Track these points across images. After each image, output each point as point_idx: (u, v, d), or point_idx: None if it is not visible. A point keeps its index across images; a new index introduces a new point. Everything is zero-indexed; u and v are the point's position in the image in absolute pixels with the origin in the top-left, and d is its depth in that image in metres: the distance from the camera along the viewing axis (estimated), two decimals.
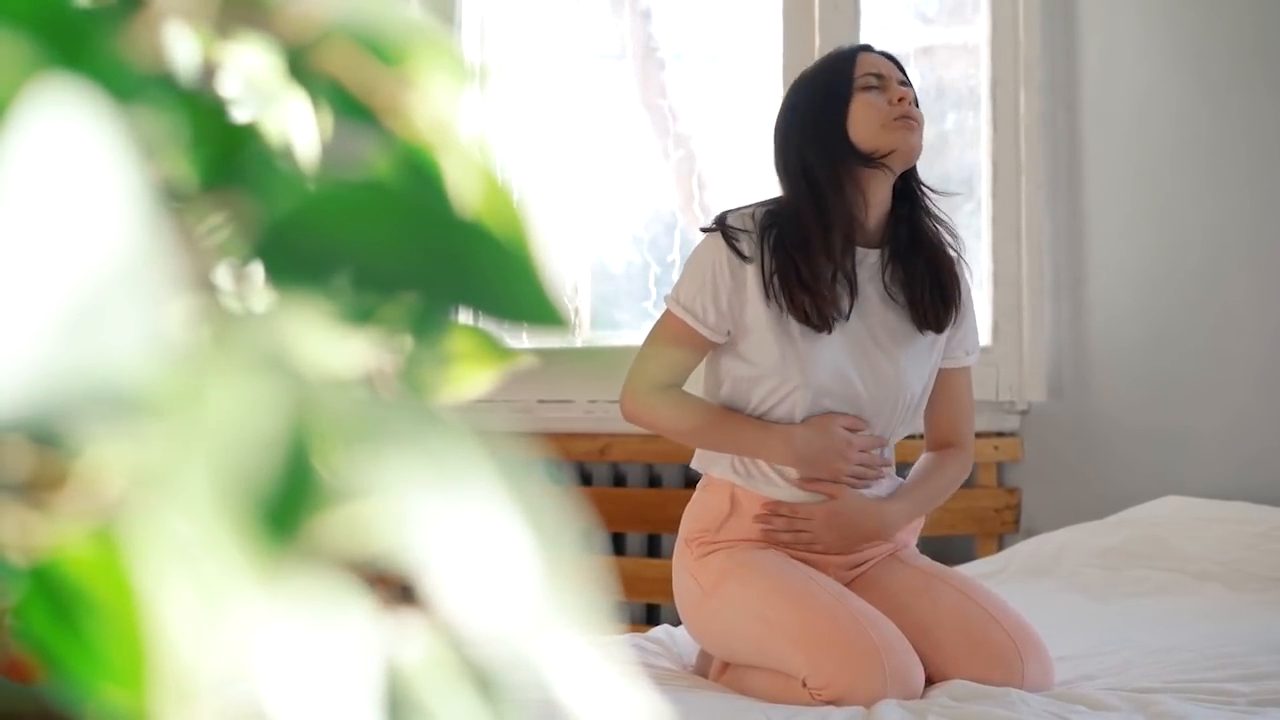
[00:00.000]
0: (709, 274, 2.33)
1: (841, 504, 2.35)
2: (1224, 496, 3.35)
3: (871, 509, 2.37)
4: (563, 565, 0.34)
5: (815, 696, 2.14)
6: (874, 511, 2.37)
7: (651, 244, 4.14)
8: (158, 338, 0.30)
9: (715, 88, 4.13)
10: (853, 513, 2.36)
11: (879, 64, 2.40)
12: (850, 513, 2.36)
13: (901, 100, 2.35)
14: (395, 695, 0.34)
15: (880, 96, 2.36)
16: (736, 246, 2.32)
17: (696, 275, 2.35)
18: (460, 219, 0.40)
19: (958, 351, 2.46)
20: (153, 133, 0.36)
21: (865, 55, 2.41)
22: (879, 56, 2.42)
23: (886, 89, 2.36)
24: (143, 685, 0.32)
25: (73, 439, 0.31)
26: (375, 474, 0.33)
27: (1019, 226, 3.72)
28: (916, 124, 2.36)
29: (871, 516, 2.37)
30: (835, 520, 2.35)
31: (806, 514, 2.35)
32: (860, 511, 2.36)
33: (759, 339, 2.32)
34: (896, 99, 2.35)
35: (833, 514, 2.35)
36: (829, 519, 2.35)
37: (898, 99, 2.35)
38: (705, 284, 2.33)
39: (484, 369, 0.50)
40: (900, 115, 2.34)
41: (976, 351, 2.50)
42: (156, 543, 0.31)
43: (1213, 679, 2.19)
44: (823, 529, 2.35)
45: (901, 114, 2.34)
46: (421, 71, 0.42)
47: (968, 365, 2.49)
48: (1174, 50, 3.62)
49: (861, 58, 2.40)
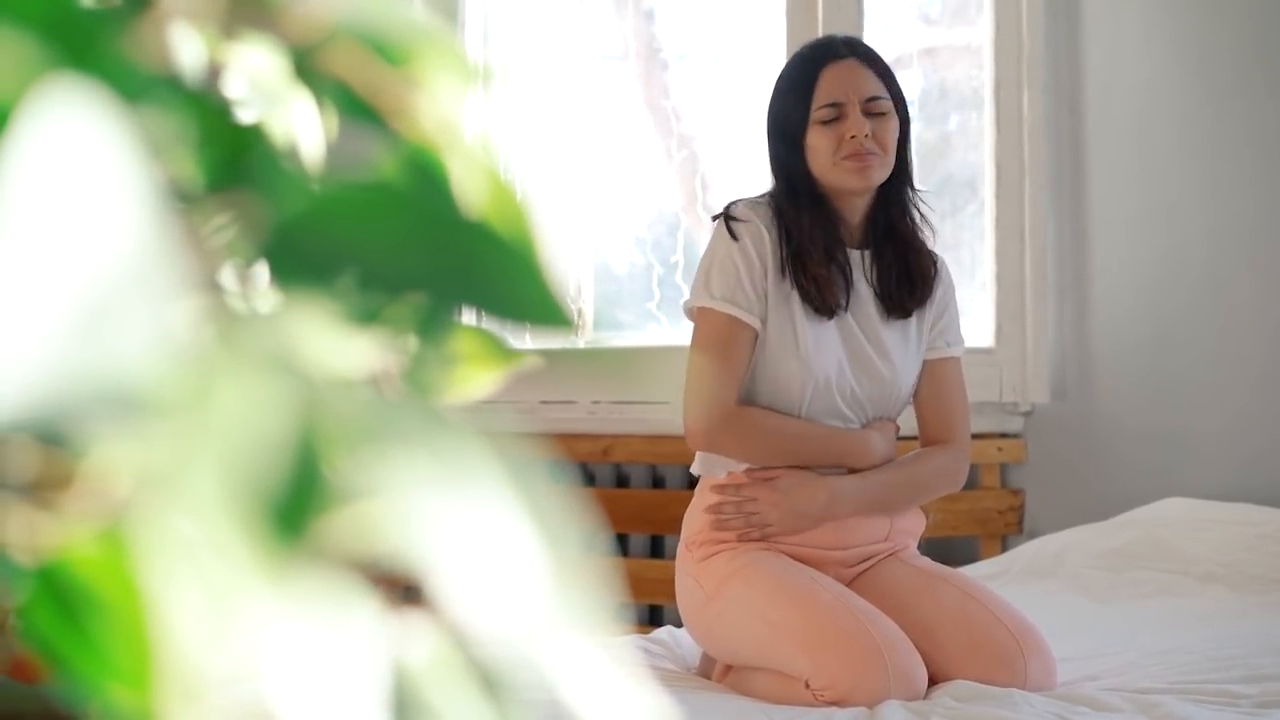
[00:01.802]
0: (733, 261, 2.32)
1: (784, 481, 2.32)
2: (1227, 498, 3.35)
3: (816, 483, 2.33)
4: (569, 566, 0.34)
5: (818, 697, 2.14)
6: (820, 485, 2.33)
7: (655, 245, 4.14)
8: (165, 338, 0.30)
9: (718, 89, 4.13)
10: (796, 488, 2.32)
11: (840, 84, 2.32)
12: (794, 489, 2.32)
13: (855, 136, 2.28)
14: (401, 695, 0.34)
15: (835, 130, 2.30)
16: (738, 234, 2.32)
17: (723, 266, 2.32)
18: (466, 219, 0.40)
19: (939, 342, 2.45)
20: (159, 133, 0.36)
21: (829, 71, 2.33)
22: (850, 64, 2.34)
23: (845, 118, 2.30)
24: (149, 685, 0.32)
25: (80, 439, 0.31)
26: (381, 474, 0.33)
27: (1022, 228, 3.72)
28: (871, 158, 2.29)
29: (819, 490, 2.32)
30: (779, 498, 2.32)
31: (751, 494, 2.33)
32: (803, 486, 2.32)
33: (770, 336, 2.33)
34: (849, 134, 2.29)
35: (775, 491, 2.32)
36: (773, 497, 2.32)
37: (851, 135, 2.28)
38: (733, 270, 2.31)
39: (488, 370, 0.51)
40: (849, 154, 2.29)
41: (961, 344, 2.47)
42: (163, 543, 0.31)
43: (1216, 680, 2.19)
44: (769, 507, 2.32)
45: (849, 153, 2.29)
46: (427, 72, 0.42)
47: (953, 356, 2.47)
48: (1177, 51, 3.62)
49: (824, 76, 2.33)
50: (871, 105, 2.32)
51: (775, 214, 2.34)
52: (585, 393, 3.93)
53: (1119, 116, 3.67)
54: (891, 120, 2.34)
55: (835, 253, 2.33)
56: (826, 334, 2.33)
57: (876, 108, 2.32)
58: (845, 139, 2.29)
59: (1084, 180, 3.71)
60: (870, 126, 2.31)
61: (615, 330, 4.15)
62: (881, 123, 2.33)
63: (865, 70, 2.35)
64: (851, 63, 2.35)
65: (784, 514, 2.32)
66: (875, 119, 2.32)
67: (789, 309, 2.32)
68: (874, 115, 2.32)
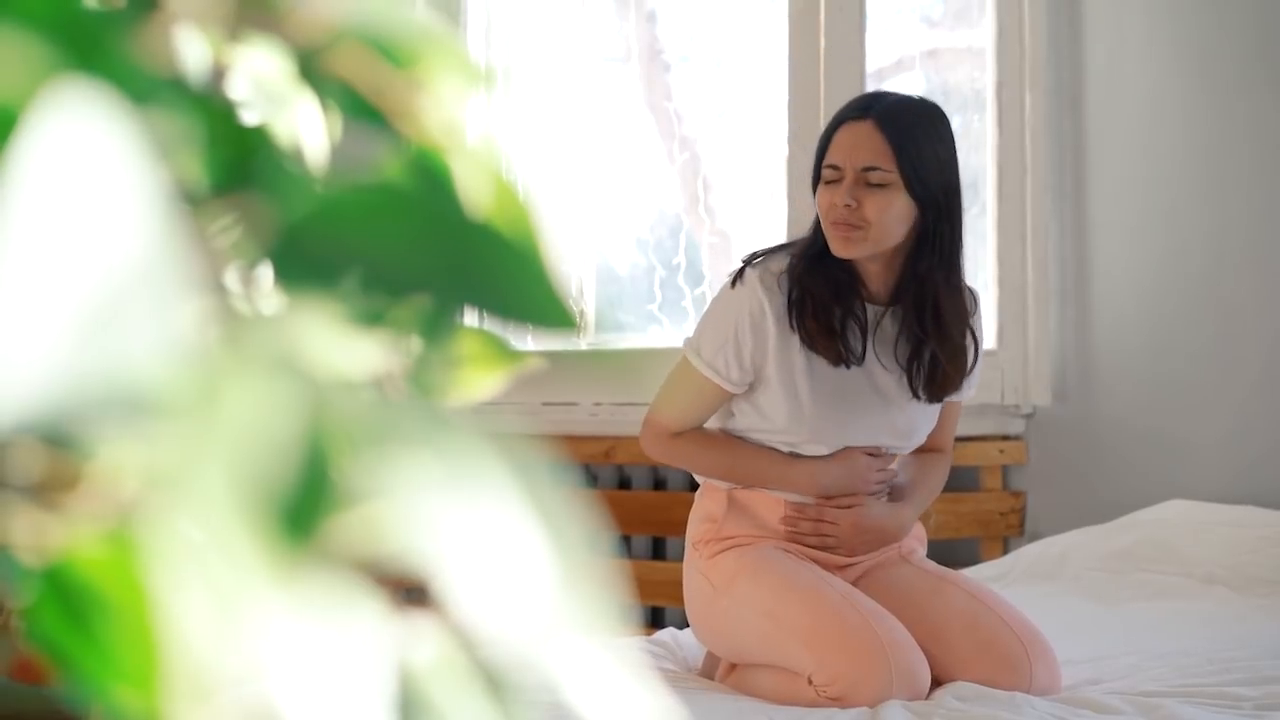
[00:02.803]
0: (731, 330, 2.31)
1: (867, 510, 2.38)
2: (1229, 500, 3.35)
3: (892, 513, 2.41)
4: (575, 567, 0.34)
5: (821, 694, 2.15)
6: (894, 514, 2.41)
7: (657, 246, 4.14)
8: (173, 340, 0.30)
9: (720, 91, 4.13)
10: (876, 518, 2.39)
11: (841, 148, 2.24)
12: (875, 518, 2.39)
13: (837, 203, 2.22)
14: (407, 696, 0.35)
15: (828, 194, 2.24)
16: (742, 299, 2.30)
17: (719, 330, 2.33)
18: (470, 221, 0.40)
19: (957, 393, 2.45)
20: (165, 135, 0.36)
21: (841, 131, 2.26)
22: (861, 128, 2.24)
23: (841, 182, 2.23)
24: (155, 686, 0.32)
25: (86, 440, 0.31)
26: (386, 476, 0.33)
27: (1024, 230, 3.72)
28: (850, 230, 2.22)
29: (892, 520, 2.41)
30: (861, 525, 2.38)
31: (833, 518, 2.37)
32: (883, 517, 2.40)
33: (771, 395, 2.32)
34: (840, 203, 2.21)
35: (860, 519, 2.37)
36: (856, 524, 2.37)
37: (842, 203, 2.21)
38: (728, 340, 2.32)
39: (492, 371, 0.51)
40: (832, 221, 2.23)
41: (974, 388, 2.48)
42: (170, 544, 0.31)
43: (1218, 683, 2.19)
44: (849, 532, 2.37)
45: (832, 220, 2.23)
46: (431, 74, 0.42)
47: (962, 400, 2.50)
48: (1179, 53, 3.62)
49: (836, 135, 2.26)
50: (867, 175, 2.22)
51: (790, 267, 2.30)
52: (587, 394, 3.93)
53: (1121, 119, 3.67)
54: (886, 195, 2.22)
55: (851, 306, 2.30)
56: (832, 405, 2.32)
57: (871, 178, 2.22)
58: (831, 207, 2.23)
59: (1086, 182, 3.71)
60: (857, 197, 2.21)
61: (617, 332, 4.15)
62: (873, 195, 2.21)
63: (876, 136, 2.23)
64: (864, 126, 2.24)
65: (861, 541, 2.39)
66: (869, 190, 2.22)
67: (794, 359, 2.31)
68: (869, 186, 2.22)
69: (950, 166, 2.28)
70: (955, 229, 2.29)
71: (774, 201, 3.86)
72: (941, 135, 2.28)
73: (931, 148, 2.25)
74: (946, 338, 2.32)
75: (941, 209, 2.26)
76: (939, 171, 2.25)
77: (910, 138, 2.23)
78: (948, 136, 2.30)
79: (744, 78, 4.09)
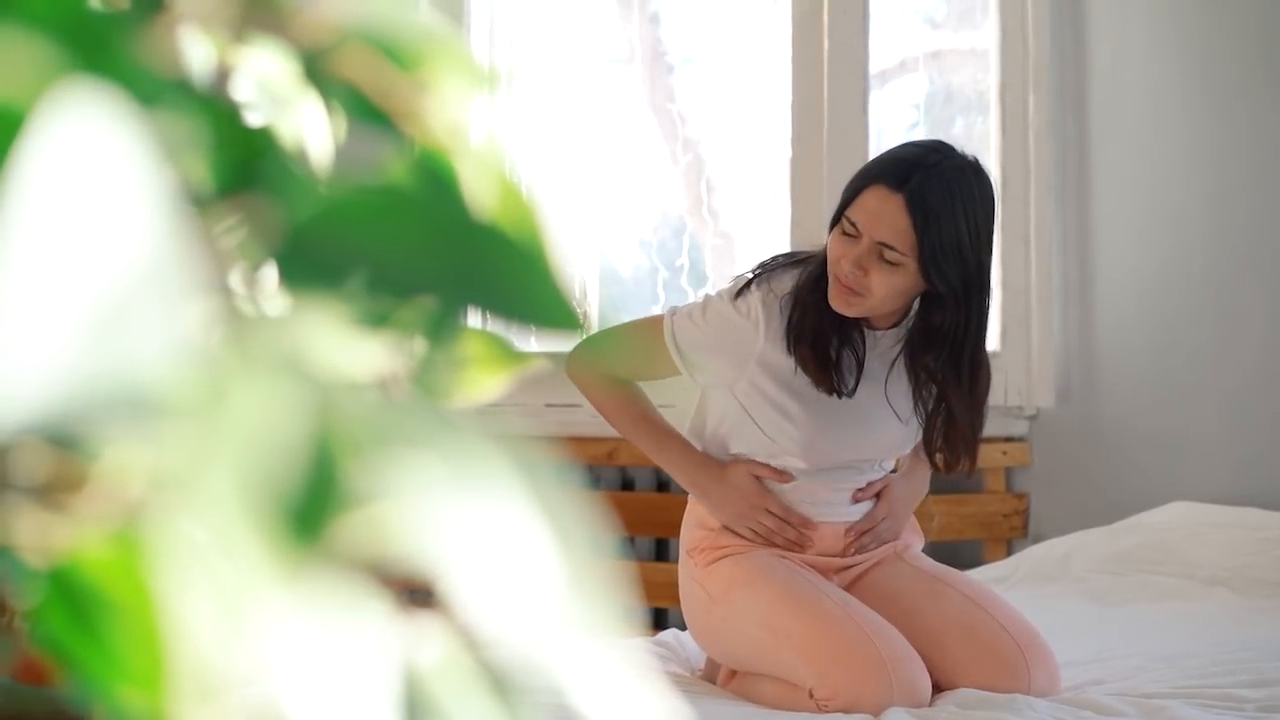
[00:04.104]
0: (718, 336, 2.30)
1: (892, 493, 2.41)
2: (1232, 502, 3.35)
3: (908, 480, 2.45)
4: (581, 568, 0.34)
5: (822, 707, 2.14)
6: (910, 480, 2.45)
7: (660, 248, 4.14)
8: (179, 341, 0.31)
9: (724, 92, 4.13)
10: (902, 495, 2.43)
11: (866, 213, 2.16)
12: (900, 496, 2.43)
13: (845, 265, 2.16)
14: (412, 697, 0.35)
15: (839, 246, 2.18)
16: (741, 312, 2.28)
17: (707, 329, 2.31)
18: (475, 222, 0.40)
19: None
20: (172, 137, 0.36)
21: (871, 193, 2.17)
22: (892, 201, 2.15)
23: (856, 242, 2.16)
24: (161, 687, 0.32)
25: (93, 441, 0.31)
26: (392, 477, 0.33)
27: (1027, 231, 3.71)
28: (850, 294, 2.17)
29: (911, 486, 2.45)
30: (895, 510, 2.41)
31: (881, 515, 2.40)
32: (904, 486, 2.43)
33: (759, 407, 2.30)
34: (844, 260, 2.16)
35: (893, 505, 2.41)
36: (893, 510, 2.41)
37: (850, 267, 2.16)
38: (710, 343, 2.30)
39: (496, 373, 0.51)
40: (835, 274, 2.18)
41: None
42: (176, 545, 0.31)
43: (1221, 684, 2.19)
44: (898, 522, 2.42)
45: (835, 274, 2.18)
46: (436, 76, 0.42)
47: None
48: (1182, 55, 3.62)
49: (865, 198, 2.17)
50: (882, 250, 2.16)
51: (796, 289, 2.27)
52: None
53: (1124, 120, 3.67)
54: (896, 275, 2.16)
55: (849, 337, 2.27)
56: (824, 422, 2.31)
57: (886, 255, 2.16)
58: (839, 260, 2.18)
59: (1089, 184, 3.71)
60: (866, 266, 2.16)
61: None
62: (882, 270, 2.16)
63: (902, 217, 2.15)
64: (894, 200, 2.15)
65: (901, 521, 2.43)
66: (880, 263, 2.16)
67: (790, 378, 2.29)
68: (882, 259, 2.16)
69: (977, 250, 2.20)
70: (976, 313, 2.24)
71: (777, 203, 3.86)
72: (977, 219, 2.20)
73: (959, 236, 2.17)
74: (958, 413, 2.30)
75: (962, 299, 2.20)
76: (961, 262, 2.17)
77: (937, 225, 2.15)
78: (983, 216, 2.21)
79: (747, 79, 4.09)
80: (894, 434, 2.35)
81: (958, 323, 2.22)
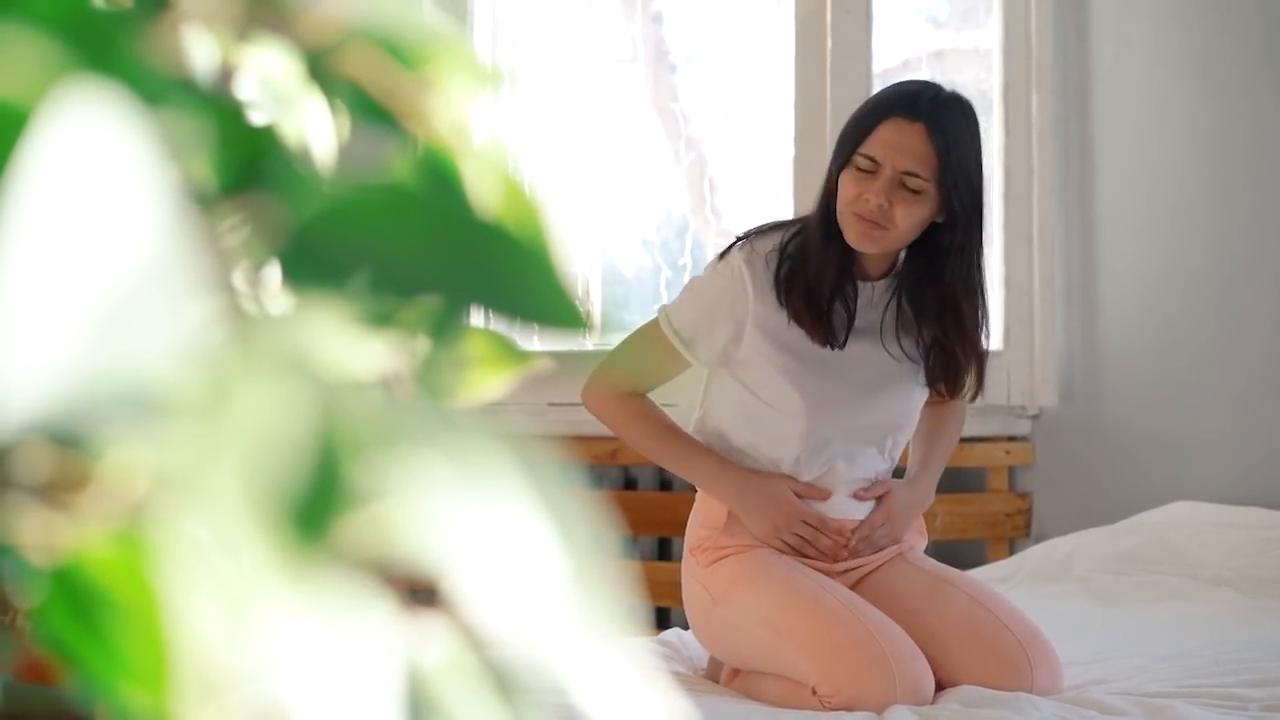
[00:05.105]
0: (709, 305, 2.32)
1: (895, 499, 2.39)
2: (1235, 501, 3.34)
3: (914, 488, 2.42)
4: (584, 567, 0.34)
5: (825, 704, 2.14)
6: (916, 488, 2.43)
7: (662, 247, 4.14)
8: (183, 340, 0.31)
9: (727, 91, 4.13)
10: (904, 502, 2.41)
11: (887, 145, 2.19)
12: (902, 504, 2.40)
13: (866, 198, 2.18)
14: (416, 697, 0.35)
15: (858, 184, 2.20)
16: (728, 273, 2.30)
17: (698, 302, 2.34)
18: (479, 221, 0.40)
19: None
20: (176, 135, 0.36)
21: (889, 124, 2.20)
22: (912, 130, 2.19)
23: (876, 176, 2.19)
24: (164, 686, 0.32)
25: (97, 440, 0.31)
26: (396, 476, 0.33)
27: (1031, 231, 3.71)
28: (873, 228, 2.20)
29: (918, 495, 2.43)
30: (895, 514, 2.39)
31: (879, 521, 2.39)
32: (910, 495, 2.41)
33: (761, 373, 2.31)
34: (863, 195, 2.19)
35: (893, 509, 2.38)
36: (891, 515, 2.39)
37: (866, 195, 2.18)
38: (703, 315, 2.32)
39: (500, 372, 0.51)
40: (855, 212, 2.20)
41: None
42: (179, 544, 0.31)
43: (1224, 684, 2.19)
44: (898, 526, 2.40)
45: (856, 211, 2.20)
46: (440, 75, 0.42)
47: None
48: (1185, 55, 3.61)
49: (882, 127, 2.21)
50: (905, 179, 2.19)
51: (782, 245, 2.30)
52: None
53: (1128, 120, 3.67)
54: (918, 203, 2.20)
55: (842, 287, 2.29)
56: (827, 378, 2.31)
57: (909, 183, 2.19)
58: (860, 197, 2.20)
59: (1092, 183, 3.71)
60: (890, 199, 2.19)
61: (623, 333, 4.14)
62: (905, 200, 2.19)
63: (925, 144, 2.20)
64: (914, 129, 2.20)
65: (900, 528, 2.42)
66: (902, 193, 2.20)
67: (785, 358, 2.30)
68: (903, 189, 2.20)
69: (980, 170, 2.27)
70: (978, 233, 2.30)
71: (780, 202, 3.86)
72: (977, 138, 2.27)
73: (973, 157, 2.24)
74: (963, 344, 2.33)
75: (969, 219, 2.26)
76: (972, 182, 2.24)
77: (956, 148, 2.21)
78: (980, 138, 2.29)
79: (750, 79, 4.09)
80: (898, 386, 2.36)
81: (964, 242, 2.28)
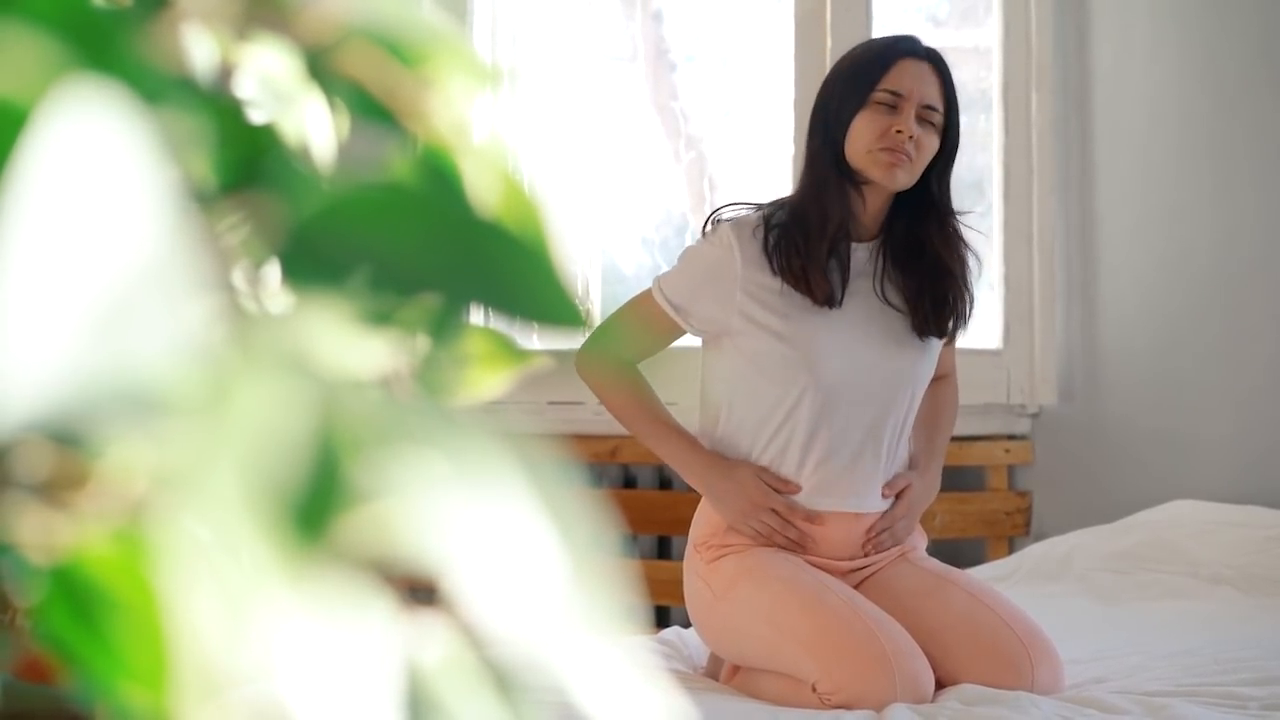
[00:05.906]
0: (700, 273, 2.36)
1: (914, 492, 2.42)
2: (1235, 500, 3.34)
3: (920, 481, 2.44)
4: (584, 566, 0.34)
5: (825, 701, 2.14)
6: (921, 481, 2.44)
7: (662, 246, 4.14)
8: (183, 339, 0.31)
9: (727, 90, 4.13)
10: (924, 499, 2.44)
11: (909, 79, 2.31)
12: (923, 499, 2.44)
13: (900, 131, 2.27)
14: (416, 696, 0.35)
15: (885, 119, 2.29)
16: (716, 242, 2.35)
17: (688, 271, 2.38)
18: (478, 220, 0.40)
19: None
20: (175, 134, 0.36)
21: (904, 64, 2.32)
22: (923, 67, 2.33)
23: (899, 111, 2.29)
24: (164, 685, 0.32)
25: (96, 439, 0.31)
26: (395, 475, 0.33)
27: (1030, 230, 3.71)
28: (906, 160, 2.28)
29: (924, 487, 2.44)
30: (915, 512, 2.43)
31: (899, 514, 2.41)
32: (917, 489, 2.43)
33: (760, 341, 2.32)
34: (896, 129, 2.27)
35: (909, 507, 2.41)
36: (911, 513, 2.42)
37: (897, 129, 2.27)
38: (695, 282, 2.36)
39: (499, 370, 0.51)
40: (887, 147, 2.28)
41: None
42: (179, 543, 0.31)
43: (1224, 683, 2.19)
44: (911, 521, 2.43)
45: (888, 145, 2.28)
46: (440, 74, 0.42)
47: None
48: (1185, 54, 3.61)
49: (898, 66, 2.32)
50: (925, 113, 2.30)
51: (766, 218, 2.35)
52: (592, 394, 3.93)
53: (1127, 119, 3.67)
54: (932, 136, 2.31)
55: (837, 244, 2.32)
56: (826, 338, 2.33)
57: (928, 116, 2.30)
58: (890, 132, 2.28)
59: (1092, 182, 3.71)
60: (917, 131, 2.29)
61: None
62: (927, 133, 2.30)
63: (935, 79, 2.34)
64: (925, 66, 2.34)
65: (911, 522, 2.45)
66: (923, 126, 2.30)
67: (782, 322, 2.31)
68: (923, 123, 2.30)
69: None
70: (949, 166, 2.40)
71: None
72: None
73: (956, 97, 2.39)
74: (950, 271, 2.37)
75: (948, 163, 2.38)
76: (959, 123, 2.38)
77: (953, 84, 2.37)
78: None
79: (750, 77, 4.09)
80: (896, 338, 2.37)
81: (942, 190, 2.39)
